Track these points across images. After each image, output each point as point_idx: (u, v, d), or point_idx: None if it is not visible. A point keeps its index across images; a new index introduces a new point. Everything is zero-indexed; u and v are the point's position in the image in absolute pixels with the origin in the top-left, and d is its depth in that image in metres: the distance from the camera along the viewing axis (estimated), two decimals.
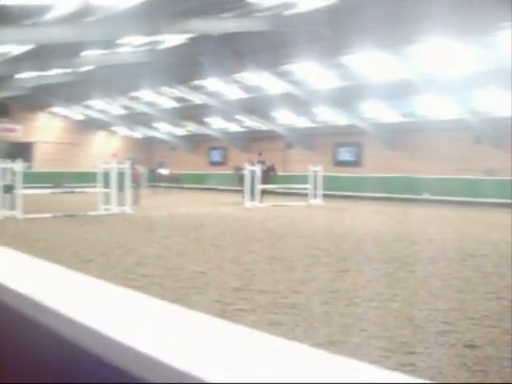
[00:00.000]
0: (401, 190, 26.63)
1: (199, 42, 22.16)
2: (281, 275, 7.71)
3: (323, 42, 20.17)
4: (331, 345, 4.65)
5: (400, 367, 4.13)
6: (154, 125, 40.57)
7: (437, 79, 22.11)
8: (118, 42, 22.93)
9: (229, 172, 34.46)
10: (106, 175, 16.97)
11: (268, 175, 24.05)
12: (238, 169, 33.69)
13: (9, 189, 15.77)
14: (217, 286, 6.93)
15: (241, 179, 33.10)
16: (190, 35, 21.72)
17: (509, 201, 22.81)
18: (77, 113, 40.52)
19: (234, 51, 22.58)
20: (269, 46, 21.72)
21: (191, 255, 9.36)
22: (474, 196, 23.98)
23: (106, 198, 17.01)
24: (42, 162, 38.08)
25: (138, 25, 19.20)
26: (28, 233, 12.41)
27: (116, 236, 11.95)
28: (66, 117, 41.20)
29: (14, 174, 16.19)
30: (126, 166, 17.57)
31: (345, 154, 31.76)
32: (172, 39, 23.04)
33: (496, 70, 19.81)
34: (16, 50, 24.24)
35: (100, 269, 7.93)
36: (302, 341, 4.76)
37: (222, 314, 5.57)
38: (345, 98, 26.28)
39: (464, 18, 17.49)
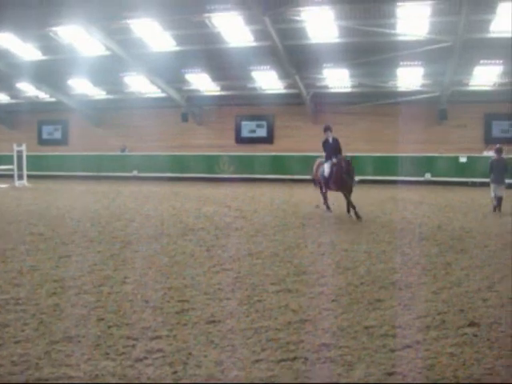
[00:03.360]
0: (110, 168, 26.37)
1: None
2: None
3: (31, 10, 18.36)
4: (69, 341, 4.19)
5: (148, 355, 3.90)
6: None
7: (145, 57, 22.23)
8: None
9: None
10: None
11: None
12: None
13: None
14: None
15: None
16: None
17: (213, 175, 24.41)
18: None
19: None
20: None
21: None
22: (184, 172, 25.02)
23: None
24: None
25: None
26: None
27: None
28: None
29: None
30: None
31: (50, 133, 30.13)
32: None
33: (201, 50, 20.74)
34: None
35: None
36: (34, 341, 4.20)
37: None
38: (50, 72, 24.64)
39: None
